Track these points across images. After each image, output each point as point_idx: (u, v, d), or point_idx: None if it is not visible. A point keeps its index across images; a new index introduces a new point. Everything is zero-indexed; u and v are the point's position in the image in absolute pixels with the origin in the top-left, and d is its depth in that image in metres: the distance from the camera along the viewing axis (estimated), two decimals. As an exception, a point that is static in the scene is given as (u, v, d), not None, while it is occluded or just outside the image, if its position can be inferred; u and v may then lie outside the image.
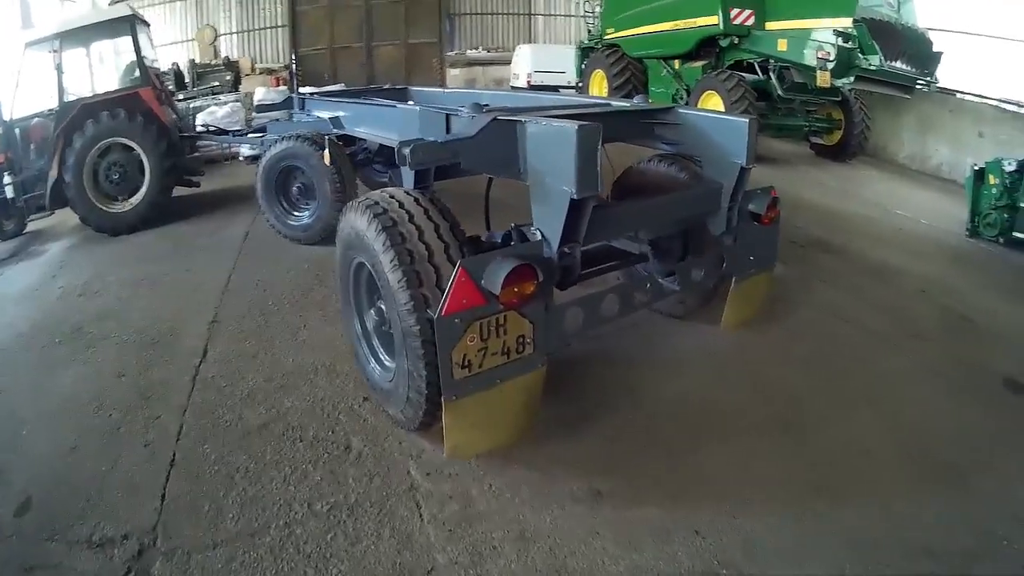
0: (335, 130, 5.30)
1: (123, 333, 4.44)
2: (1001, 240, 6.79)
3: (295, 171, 5.75)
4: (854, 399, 3.64)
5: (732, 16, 9.40)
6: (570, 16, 20.25)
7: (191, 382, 3.78)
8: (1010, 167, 6.83)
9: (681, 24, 10.28)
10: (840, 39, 8.26)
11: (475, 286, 2.59)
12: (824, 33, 8.48)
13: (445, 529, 2.65)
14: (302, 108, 6.21)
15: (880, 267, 5.81)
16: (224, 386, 3.72)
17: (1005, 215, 6.72)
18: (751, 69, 9.81)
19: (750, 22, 9.44)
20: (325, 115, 5.50)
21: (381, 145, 5.21)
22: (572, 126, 2.60)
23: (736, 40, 9.70)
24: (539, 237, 2.81)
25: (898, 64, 8.56)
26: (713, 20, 9.59)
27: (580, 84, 13.31)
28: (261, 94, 11.56)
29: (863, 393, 3.71)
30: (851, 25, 8.19)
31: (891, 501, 2.85)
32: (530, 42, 18.88)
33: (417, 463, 3.04)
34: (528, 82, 15.12)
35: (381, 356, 3.40)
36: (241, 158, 9.81)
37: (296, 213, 5.92)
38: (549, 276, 2.80)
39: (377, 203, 2.96)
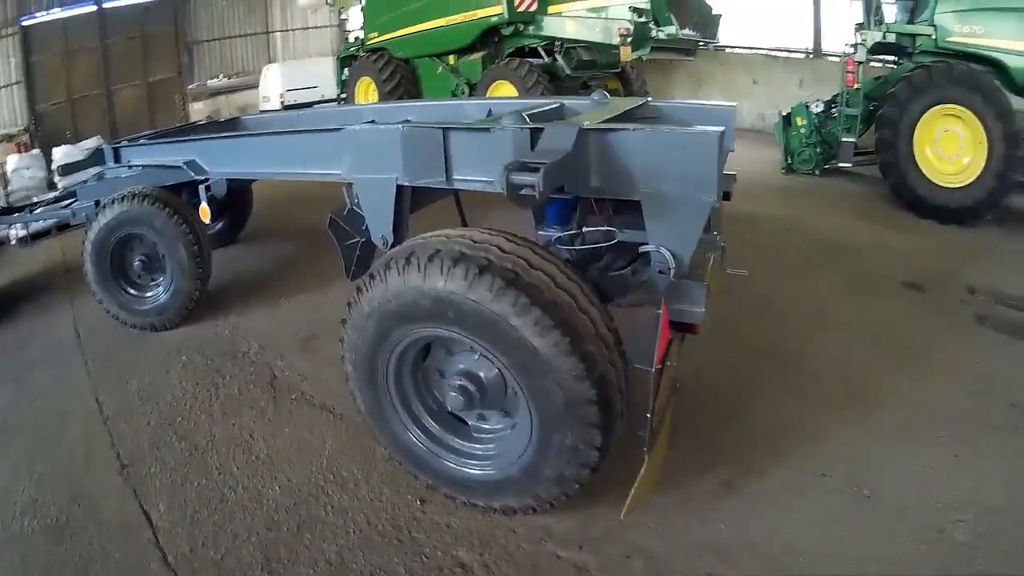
0: (197, 176, 4.13)
1: (5, 526, 2.89)
2: (817, 172, 7.74)
3: (133, 241, 4.47)
4: (806, 314, 4.38)
5: (516, 4, 9.33)
6: (308, 29, 19.16)
7: (168, 569, 2.55)
8: (818, 108, 7.79)
9: (458, 18, 9.99)
10: (635, 14, 8.58)
11: (667, 323, 2.21)
12: (618, 10, 8.75)
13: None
14: (117, 160, 4.78)
15: (731, 216, 6.11)
16: (218, 557, 2.58)
17: (818, 150, 7.63)
18: (534, 54, 9.88)
19: (534, 8, 9.46)
20: (171, 159, 4.26)
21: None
22: (714, 131, 2.27)
23: (521, 27, 9.68)
24: (667, 255, 2.40)
25: (686, 31, 9.14)
26: (497, 10, 9.43)
27: (343, 96, 12.44)
28: (61, 153, 9.86)
29: (812, 310, 4.45)
30: (645, 0, 8.54)
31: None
32: (272, 61, 17.46)
33: (557, 543, 2.54)
34: (282, 103, 13.89)
35: (464, 447, 2.70)
36: (13, 241, 7.30)
37: (145, 294, 4.60)
38: None
39: (465, 252, 2.23)
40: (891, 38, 7.38)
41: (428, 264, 2.26)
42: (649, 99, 3.78)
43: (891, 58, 8.29)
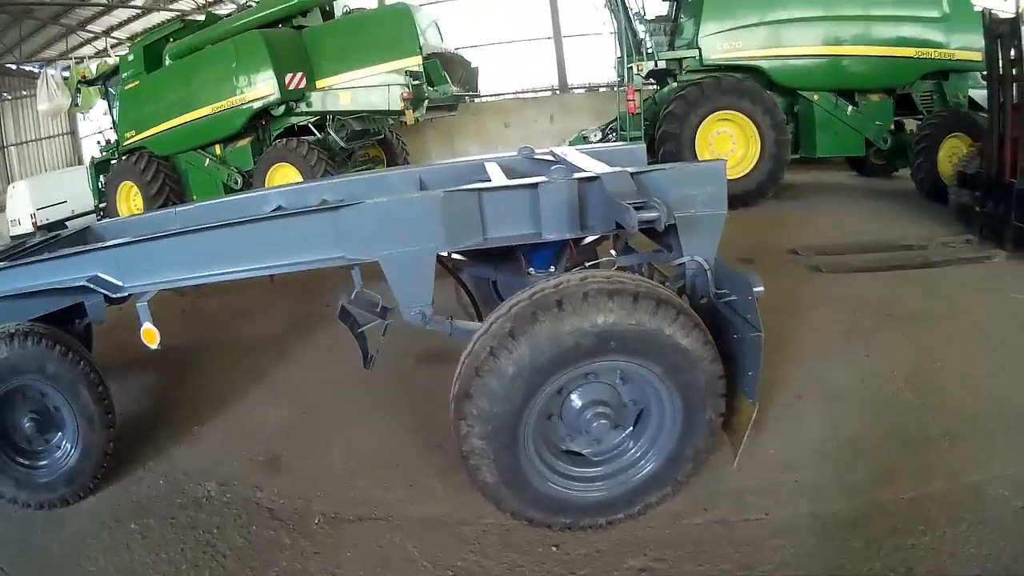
0: (112, 294, 3.27)
1: None
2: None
3: (14, 398, 3.39)
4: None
5: (287, 82, 9.10)
6: (41, 140, 16.44)
7: None
8: (596, 137, 8.63)
9: (224, 104, 9.44)
10: (411, 78, 8.84)
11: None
12: (394, 76, 8.94)
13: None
14: None
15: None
16: None
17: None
18: (303, 131, 9.76)
19: (303, 84, 9.31)
20: (59, 279, 3.31)
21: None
22: (721, 162, 2.88)
23: (292, 106, 9.45)
24: (703, 261, 2.87)
25: (454, 88, 9.61)
26: (268, 91, 9.15)
27: (103, 206, 10.92)
28: None
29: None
30: (421, 63, 8.85)
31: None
32: (10, 179, 14.68)
33: (694, 515, 2.83)
34: (34, 224, 11.69)
35: (598, 472, 2.80)
36: None
37: (42, 462, 3.49)
38: None
39: (613, 287, 2.44)
40: (662, 64, 8.65)
41: (585, 304, 2.39)
42: (554, 150, 4.06)
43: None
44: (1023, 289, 4.93)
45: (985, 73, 7.77)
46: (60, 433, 3.51)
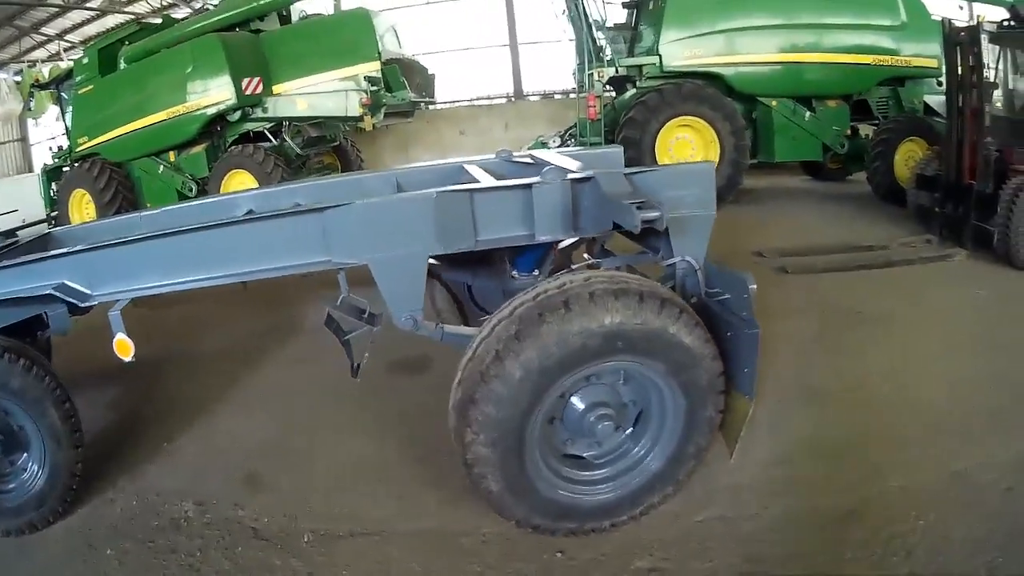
0: (79, 302, 3.05)
1: None
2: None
3: None
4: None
5: (244, 87, 8.88)
6: None
7: None
8: (555, 143, 8.67)
9: (179, 110, 9.13)
10: (369, 83, 8.74)
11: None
12: (352, 82, 8.83)
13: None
14: None
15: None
16: None
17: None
18: (259, 138, 9.58)
19: (260, 90, 9.10)
20: (21, 288, 3.11)
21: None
22: (709, 164, 3.06)
23: (248, 111, 9.25)
24: (693, 261, 2.88)
25: (411, 94, 9.52)
26: (225, 96, 8.89)
27: (54, 214, 10.47)
28: None
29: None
30: (379, 68, 8.75)
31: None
32: None
33: (695, 511, 2.87)
34: None
35: (603, 474, 2.80)
36: None
37: (7, 486, 3.23)
38: None
39: (619, 287, 2.44)
40: (623, 71, 8.76)
41: (591, 305, 2.37)
42: (532, 152, 4.09)
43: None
44: (984, 285, 5.18)
45: (940, 79, 8.38)
46: (25, 454, 3.27)
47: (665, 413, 2.69)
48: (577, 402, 2.64)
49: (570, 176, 2.75)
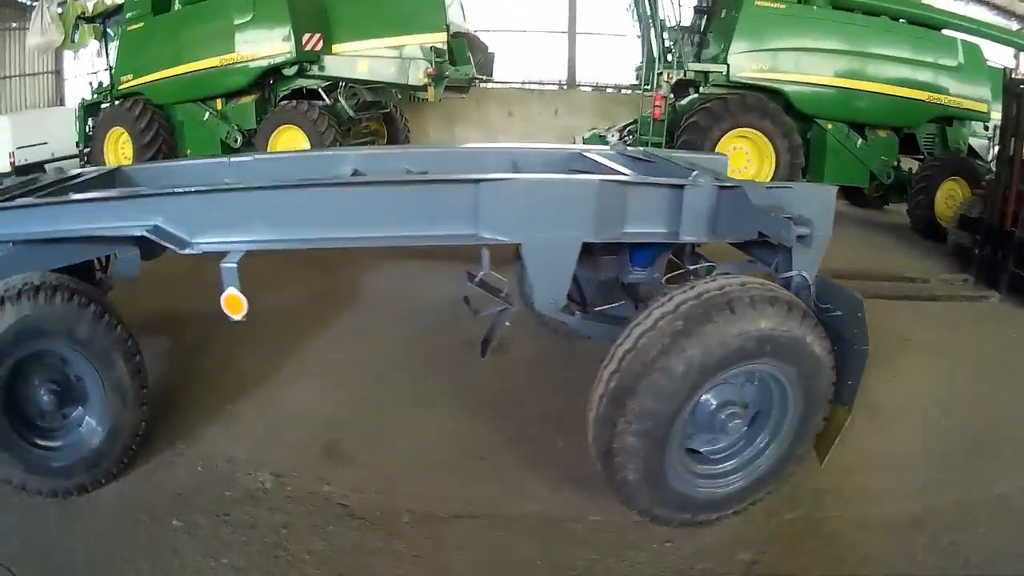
0: (178, 249, 2.80)
1: None
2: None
3: (32, 365, 2.88)
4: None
5: (304, 42, 8.67)
6: (24, 76, 15.39)
7: None
8: (613, 138, 8.50)
9: (234, 57, 8.92)
10: (434, 54, 8.55)
11: None
12: (415, 50, 8.63)
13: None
14: None
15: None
16: None
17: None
18: (311, 95, 9.34)
19: (319, 47, 8.88)
20: (106, 226, 2.85)
21: None
22: (831, 188, 3.07)
23: (306, 67, 9.02)
24: (807, 276, 2.89)
25: (473, 69, 9.34)
26: (283, 49, 8.69)
27: (87, 151, 10.18)
28: None
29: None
30: (445, 40, 8.58)
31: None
32: None
33: (792, 507, 3.03)
34: (12, 163, 10.74)
35: (728, 467, 2.86)
36: None
37: (58, 442, 2.96)
38: None
39: (769, 295, 2.53)
40: (690, 75, 8.73)
41: (750, 309, 2.46)
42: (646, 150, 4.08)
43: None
44: (1017, 328, 5.40)
45: (987, 124, 8.78)
46: (81, 408, 3.03)
47: (784, 416, 2.76)
48: (710, 399, 2.69)
49: (717, 182, 2.85)
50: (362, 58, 8.90)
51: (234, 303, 2.81)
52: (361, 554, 2.68)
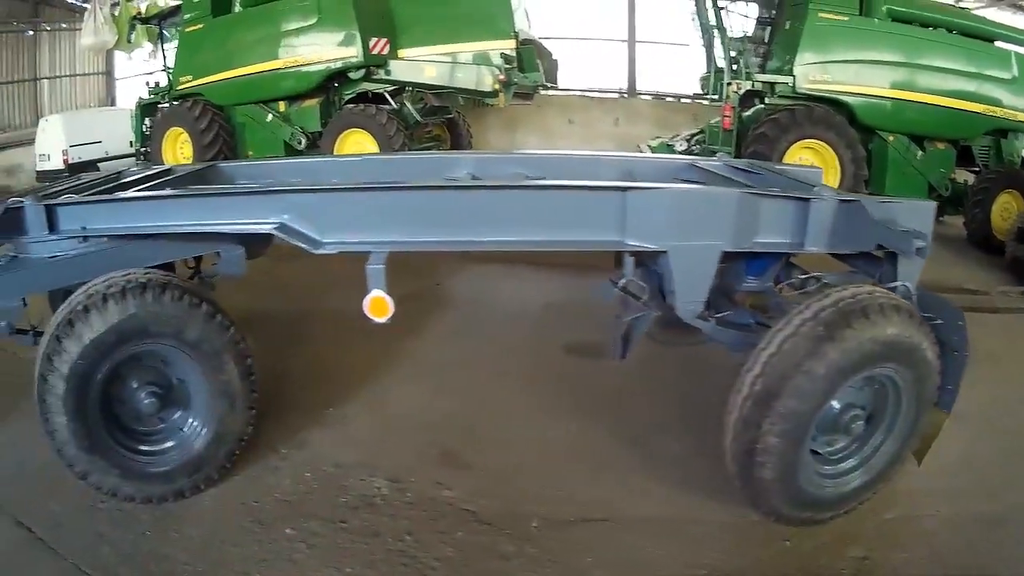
0: (309, 248, 2.80)
1: None
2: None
3: (131, 367, 2.82)
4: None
5: (372, 46, 8.70)
6: (75, 76, 15.68)
7: None
8: (680, 147, 8.46)
9: (299, 60, 8.95)
10: (504, 61, 8.56)
11: None
12: (485, 56, 8.65)
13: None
14: (52, 228, 2.85)
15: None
16: None
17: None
18: (377, 99, 9.32)
19: (386, 51, 8.91)
20: (229, 221, 2.83)
21: None
22: (931, 204, 3.12)
23: (372, 71, 9.05)
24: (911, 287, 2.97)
25: (541, 76, 9.36)
26: (351, 53, 8.70)
27: (145, 150, 10.30)
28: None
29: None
30: (516, 47, 8.58)
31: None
32: (39, 113, 13.77)
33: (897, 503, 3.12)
34: (65, 161, 10.93)
35: (840, 468, 2.93)
36: None
37: (158, 447, 2.91)
38: None
39: (890, 303, 2.63)
40: (757, 85, 8.79)
41: (881, 316, 2.58)
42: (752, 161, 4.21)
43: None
44: None
45: None
46: (181, 411, 2.96)
47: (897, 417, 2.86)
48: (834, 401, 2.74)
49: (840, 199, 2.93)
50: (430, 63, 8.89)
51: (379, 305, 2.81)
52: (494, 559, 2.65)
